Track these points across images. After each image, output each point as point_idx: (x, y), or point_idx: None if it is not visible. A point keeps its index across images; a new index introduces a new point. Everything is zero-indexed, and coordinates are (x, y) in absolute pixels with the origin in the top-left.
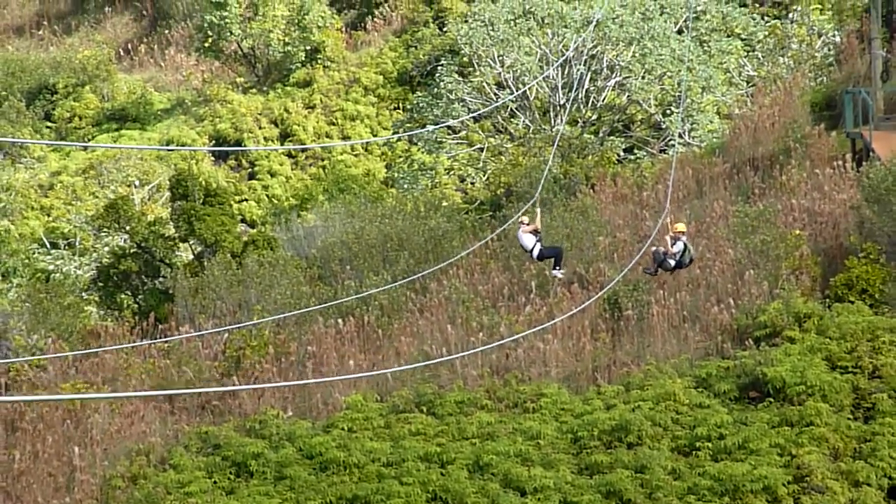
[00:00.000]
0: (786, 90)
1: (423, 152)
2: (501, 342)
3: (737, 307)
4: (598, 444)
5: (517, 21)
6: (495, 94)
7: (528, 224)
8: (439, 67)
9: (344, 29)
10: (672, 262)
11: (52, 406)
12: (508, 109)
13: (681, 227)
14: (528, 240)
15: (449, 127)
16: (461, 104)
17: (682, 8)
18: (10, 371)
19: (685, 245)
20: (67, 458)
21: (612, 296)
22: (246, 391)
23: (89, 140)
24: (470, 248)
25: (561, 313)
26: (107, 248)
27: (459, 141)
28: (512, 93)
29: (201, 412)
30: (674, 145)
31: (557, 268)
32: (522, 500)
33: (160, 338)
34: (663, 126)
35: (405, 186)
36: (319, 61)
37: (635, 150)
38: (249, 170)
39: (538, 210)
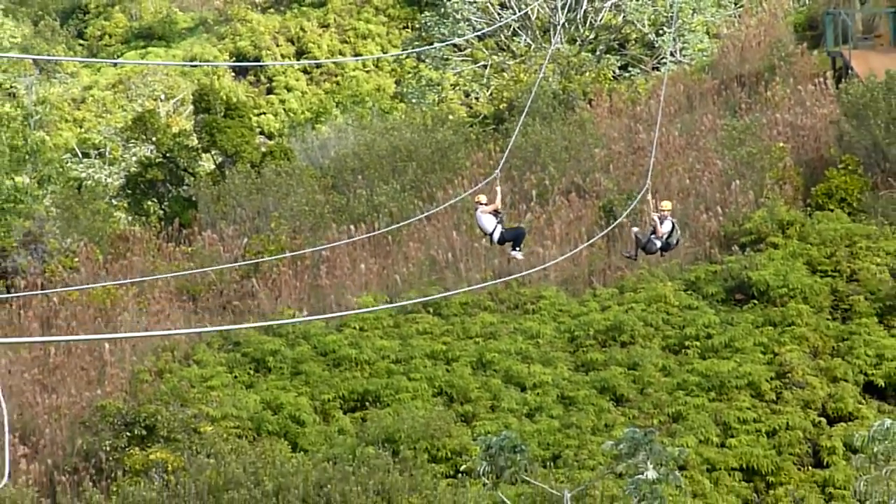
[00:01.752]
0: (771, 11)
1: (430, 69)
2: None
3: (724, 215)
4: (594, 343)
5: None
6: (499, 13)
7: (486, 204)
8: None
9: None
10: (658, 243)
11: (84, 304)
12: (511, 28)
13: (667, 205)
14: (489, 222)
15: (455, 45)
16: (467, 23)
17: None
18: (46, 272)
19: (673, 224)
20: (98, 353)
21: (607, 204)
22: (264, 291)
23: (118, 56)
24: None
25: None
26: (134, 158)
27: (464, 58)
28: (514, 13)
29: (223, 311)
30: (666, 63)
31: (517, 249)
32: (522, 395)
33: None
34: (656, 45)
35: (413, 101)
36: None
37: (630, 68)
38: (267, 85)
39: (499, 188)
